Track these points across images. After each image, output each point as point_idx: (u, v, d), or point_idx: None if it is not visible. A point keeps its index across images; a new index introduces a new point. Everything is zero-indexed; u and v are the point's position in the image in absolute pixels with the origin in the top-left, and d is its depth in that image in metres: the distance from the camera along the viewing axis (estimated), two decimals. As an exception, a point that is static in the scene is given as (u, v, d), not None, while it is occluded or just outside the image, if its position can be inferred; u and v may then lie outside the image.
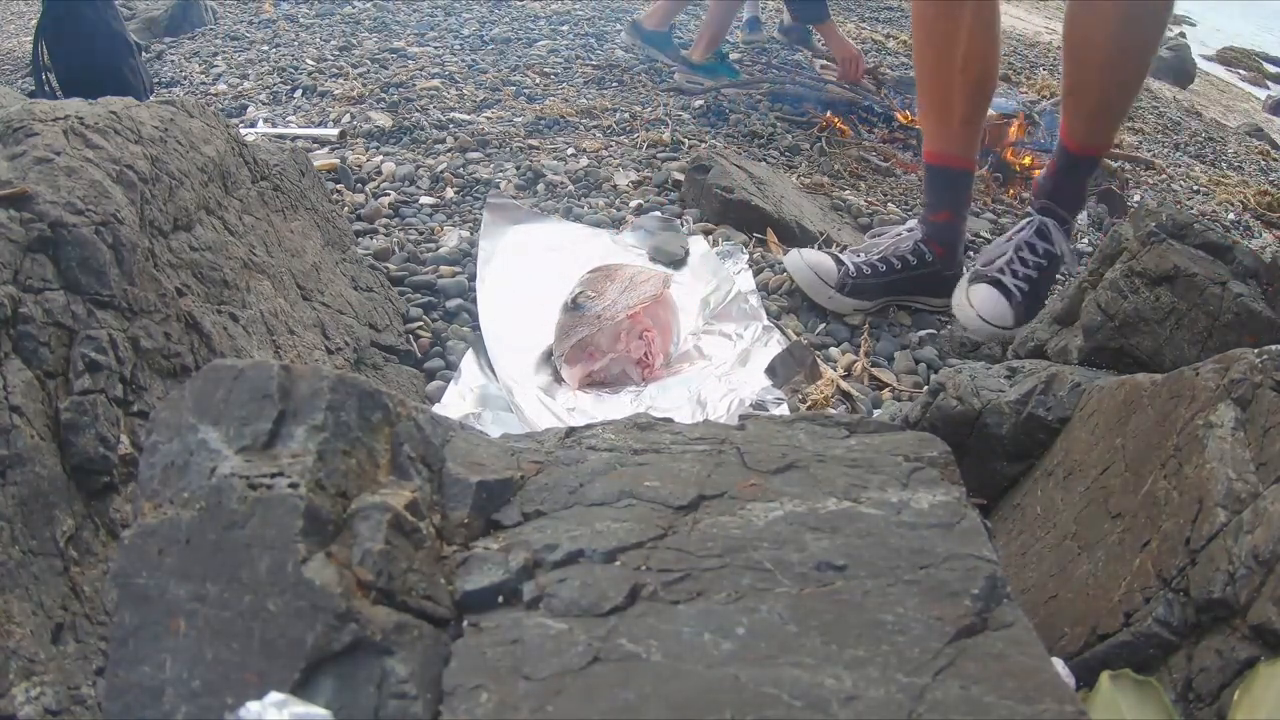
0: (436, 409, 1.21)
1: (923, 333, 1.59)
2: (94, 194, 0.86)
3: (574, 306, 1.37)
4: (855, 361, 1.48)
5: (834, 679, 0.47)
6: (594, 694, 0.46)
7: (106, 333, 0.82)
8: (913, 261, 1.62)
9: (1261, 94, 6.05)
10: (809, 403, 1.33)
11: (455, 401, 1.28)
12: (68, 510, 0.75)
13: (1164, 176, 2.88)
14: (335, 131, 2.32)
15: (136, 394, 0.84)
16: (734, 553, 0.56)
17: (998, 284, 1.51)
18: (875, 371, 1.46)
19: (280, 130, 2.35)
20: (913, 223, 1.70)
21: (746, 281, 1.62)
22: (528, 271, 1.61)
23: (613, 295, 1.36)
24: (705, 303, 1.58)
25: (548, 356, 1.41)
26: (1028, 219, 1.56)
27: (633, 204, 1.99)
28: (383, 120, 2.44)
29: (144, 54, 3.00)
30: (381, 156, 2.19)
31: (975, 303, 1.50)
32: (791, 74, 3.22)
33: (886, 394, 1.41)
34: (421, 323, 1.49)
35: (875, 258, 1.63)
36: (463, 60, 3.16)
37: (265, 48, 3.34)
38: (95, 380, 0.80)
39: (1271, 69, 7.09)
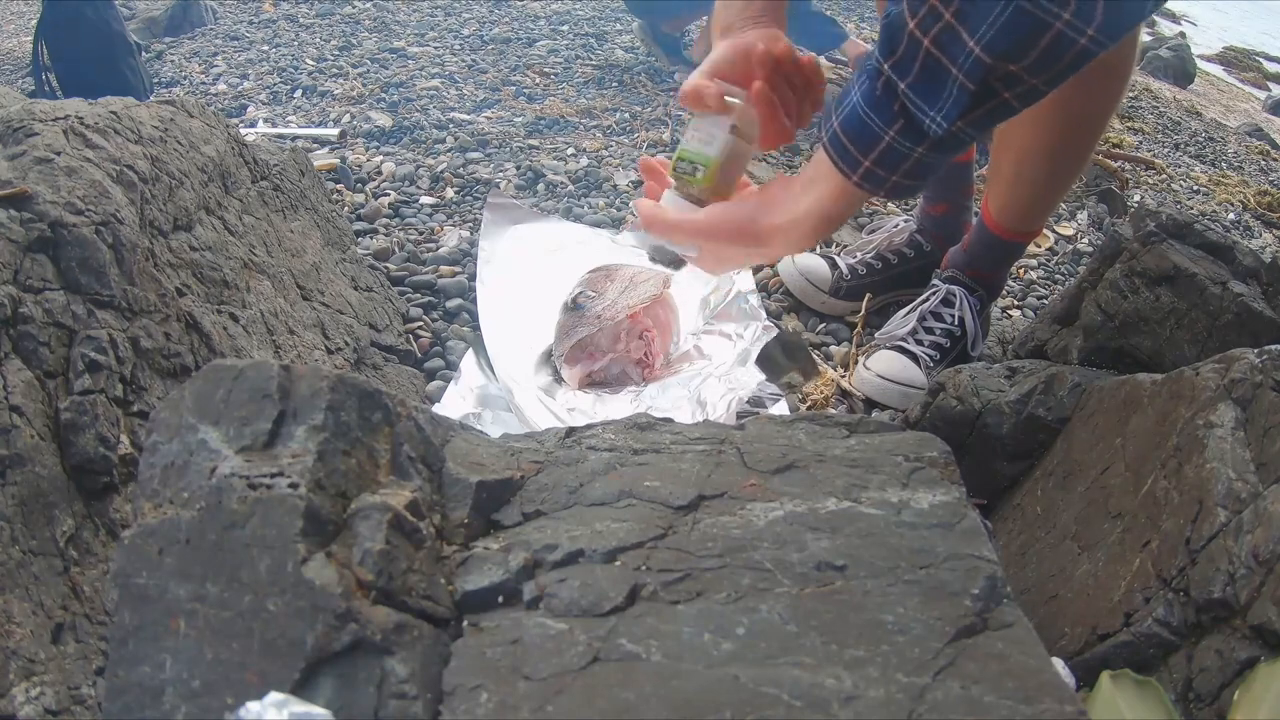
0: (436, 409, 1.21)
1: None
2: (94, 194, 0.86)
3: (574, 306, 1.37)
4: (849, 351, 1.48)
5: (834, 679, 0.47)
6: (594, 694, 0.46)
7: (106, 333, 0.82)
8: (909, 254, 1.58)
9: (1261, 94, 6.05)
10: (809, 402, 1.33)
11: (455, 401, 1.28)
12: (68, 510, 0.75)
13: (1164, 176, 2.88)
14: (335, 131, 2.32)
15: (136, 394, 0.84)
16: (734, 553, 0.56)
17: (901, 349, 1.38)
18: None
19: (280, 130, 2.35)
20: (906, 216, 1.68)
21: (746, 281, 1.62)
22: (528, 271, 1.61)
23: (613, 295, 1.36)
24: (705, 303, 1.58)
25: (548, 356, 1.41)
26: (932, 288, 1.45)
27: (632, 204, 1.99)
28: (383, 120, 2.44)
29: (144, 54, 3.00)
30: (381, 156, 2.19)
31: (876, 367, 1.36)
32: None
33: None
34: (421, 323, 1.49)
35: (869, 255, 1.59)
36: (463, 60, 3.17)
37: (265, 48, 3.34)
38: (95, 380, 0.80)
39: (1272, 69, 7.09)
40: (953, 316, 1.40)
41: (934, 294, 1.44)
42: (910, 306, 1.46)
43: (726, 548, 0.56)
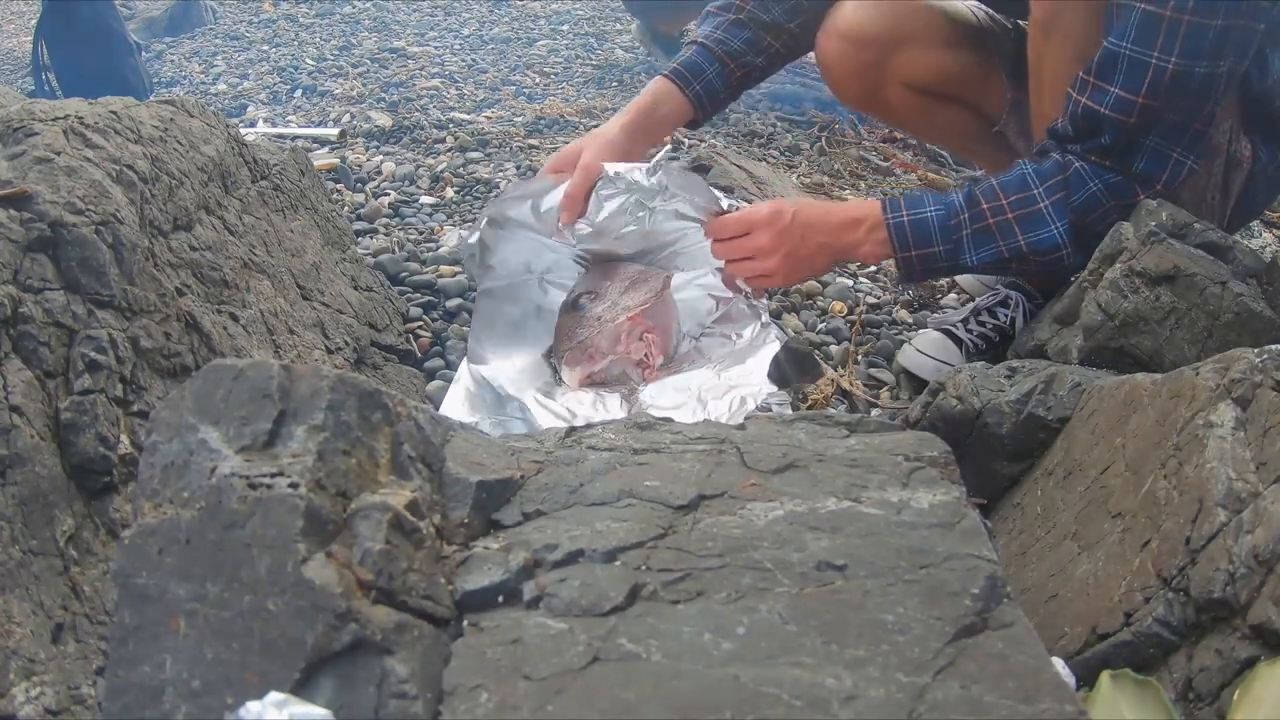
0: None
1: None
2: (94, 194, 0.86)
3: (574, 307, 1.37)
4: (848, 350, 1.48)
5: (834, 679, 0.47)
6: (594, 694, 0.46)
7: (106, 333, 0.82)
8: (1012, 302, 1.50)
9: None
10: (809, 402, 1.33)
11: (455, 402, 1.28)
12: (68, 510, 0.75)
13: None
14: (335, 131, 2.32)
15: (136, 394, 0.84)
16: (734, 552, 0.56)
17: (949, 333, 1.43)
18: (872, 371, 1.46)
19: (280, 130, 2.35)
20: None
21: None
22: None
23: (613, 296, 1.36)
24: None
25: (548, 356, 1.41)
26: (992, 291, 1.49)
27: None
28: (383, 120, 2.44)
29: (144, 54, 3.01)
30: (381, 156, 2.20)
31: (921, 345, 1.43)
32: (791, 74, 3.22)
33: (885, 394, 1.41)
34: (421, 323, 1.49)
35: (982, 317, 1.48)
36: (463, 60, 3.17)
37: (265, 48, 3.34)
38: (95, 380, 0.80)
39: (1271, 69, 7.09)
40: (1006, 316, 1.43)
41: (993, 295, 1.46)
42: (968, 300, 1.49)
43: (726, 547, 0.56)
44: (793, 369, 1.29)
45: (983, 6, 1.53)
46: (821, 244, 1.26)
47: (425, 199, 1.96)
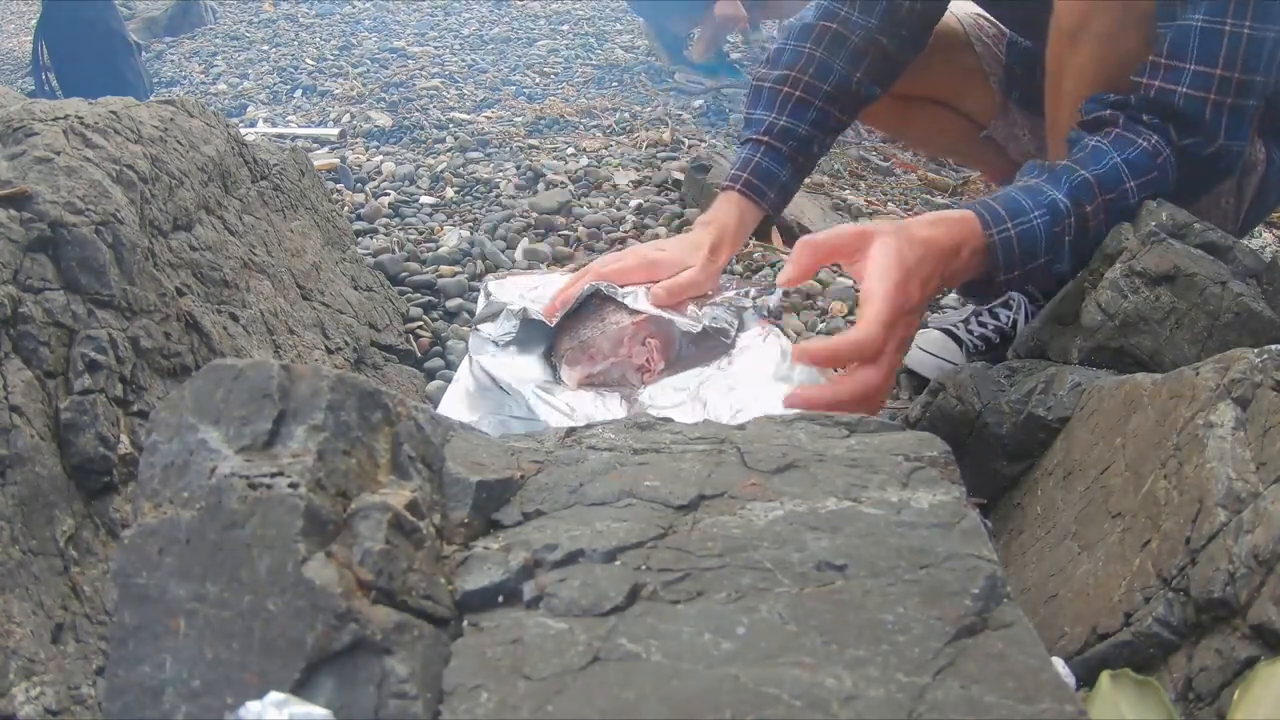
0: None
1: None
2: (94, 194, 0.86)
3: (580, 306, 1.36)
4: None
5: (834, 679, 0.47)
6: (594, 694, 0.46)
7: (106, 333, 0.82)
8: (1013, 303, 1.51)
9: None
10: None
11: (455, 402, 1.28)
12: (68, 510, 0.75)
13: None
14: (335, 131, 2.32)
15: (136, 394, 0.84)
16: (734, 552, 0.56)
17: (949, 333, 1.43)
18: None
19: (280, 130, 2.35)
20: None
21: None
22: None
23: (618, 299, 1.35)
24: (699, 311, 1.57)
25: (547, 356, 1.41)
26: None
27: (632, 204, 1.99)
28: (383, 120, 2.45)
29: (144, 54, 3.01)
30: (381, 156, 2.20)
31: (922, 343, 1.43)
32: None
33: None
34: (421, 323, 1.49)
35: (983, 318, 1.49)
36: (463, 60, 3.17)
37: (265, 47, 3.34)
38: (95, 380, 0.80)
39: (1271, 69, 7.08)
40: (1008, 318, 1.42)
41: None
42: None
43: (726, 547, 0.56)
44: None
45: (981, 14, 1.53)
46: (935, 288, 1.08)
47: (425, 199, 1.96)
